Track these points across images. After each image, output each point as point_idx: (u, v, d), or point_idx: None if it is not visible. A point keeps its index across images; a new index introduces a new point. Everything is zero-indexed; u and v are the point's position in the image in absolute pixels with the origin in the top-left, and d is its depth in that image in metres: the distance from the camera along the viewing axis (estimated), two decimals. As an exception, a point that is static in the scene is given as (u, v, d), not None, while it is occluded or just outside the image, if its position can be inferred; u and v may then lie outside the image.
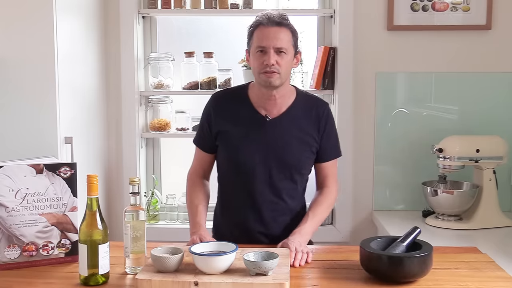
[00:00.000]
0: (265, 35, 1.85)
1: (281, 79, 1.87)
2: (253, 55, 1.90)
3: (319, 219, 1.96)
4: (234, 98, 2.00)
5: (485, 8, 2.76)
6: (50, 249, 1.74)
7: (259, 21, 1.89)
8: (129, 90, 2.84)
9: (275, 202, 1.96)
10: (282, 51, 1.85)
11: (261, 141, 1.93)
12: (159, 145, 3.08)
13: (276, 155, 1.93)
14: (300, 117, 1.96)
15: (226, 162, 2.00)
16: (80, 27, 2.56)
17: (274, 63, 1.84)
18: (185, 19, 3.06)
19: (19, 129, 2.22)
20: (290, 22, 1.90)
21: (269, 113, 1.95)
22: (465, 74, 2.82)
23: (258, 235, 1.96)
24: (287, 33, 1.87)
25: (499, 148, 2.58)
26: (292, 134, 1.94)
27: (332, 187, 2.02)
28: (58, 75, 2.23)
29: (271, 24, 1.86)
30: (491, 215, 2.55)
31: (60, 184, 1.74)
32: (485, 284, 1.56)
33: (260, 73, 1.87)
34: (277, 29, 1.85)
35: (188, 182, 2.07)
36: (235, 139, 1.95)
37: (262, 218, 1.96)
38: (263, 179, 1.94)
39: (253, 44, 1.90)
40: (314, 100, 2.03)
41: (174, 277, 1.50)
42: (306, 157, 1.97)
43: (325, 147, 1.99)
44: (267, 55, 1.84)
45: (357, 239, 2.49)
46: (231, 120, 1.96)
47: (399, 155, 2.86)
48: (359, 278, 1.60)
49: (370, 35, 2.81)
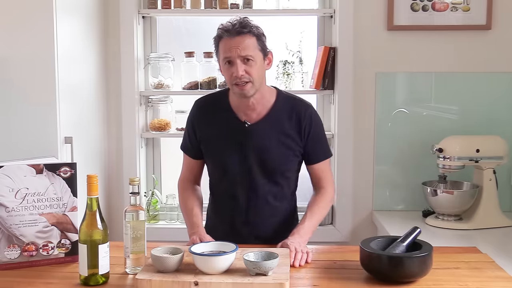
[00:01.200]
0: (228, 47, 1.82)
1: (254, 87, 1.85)
2: (223, 67, 1.88)
3: (317, 219, 1.96)
4: (215, 105, 1.99)
5: (485, 8, 2.76)
6: (50, 249, 1.74)
7: (220, 34, 1.85)
8: (129, 90, 2.84)
9: (260, 205, 1.96)
10: (249, 58, 1.82)
11: (242, 147, 1.93)
12: (159, 145, 3.08)
13: (257, 161, 1.93)
14: (280, 120, 1.94)
15: (212, 168, 2.02)
16: (80, 27, 2.56)
17: (243, 73, 1.81)
18: (185, 19, 3.06)
19: (19, 129, 2.22)
20: (252, 27, 1.84)
21: (249, 118, 1.94)
22: (465, 74, 2.82)
23: (249, 238, 1.95)
24: (251, 40, 1.83)
25: (499, 148, 2.58)
26: (272, 138, 1.93)
27: (328, 188, 2.02)
28: (58, 75, 2.23)
29: (232, 35, 1.82)
30: (491, 215, 2.55)
31: (60, 184, 1.74)
32: (485, 284, 1.56)
33: (232, 85, 1.86)
34: (239, 39, 1.81)
35: (179, 189, 2.07)
36: (217, 146, 1.95)
37: (249, 221, 1.97)
38: (247, 184, 1.94)
39: (220, 56, 1.88)
40: (296, 102, 1.98)
41: (174, 277, 1.50)
42: (290, 160, 1.96)
43: (313, 149, 1.98)
44: (234, 66, 1.82)
45: (357, 239, 2.49)
46: (213, 127, 1.96)
47: (399, 155, 2.86)
48: (359, 278, 1.60)
49: (370, 35, 2.81)
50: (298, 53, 2.92)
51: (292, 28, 2.96)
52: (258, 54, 1.85)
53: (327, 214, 2.85)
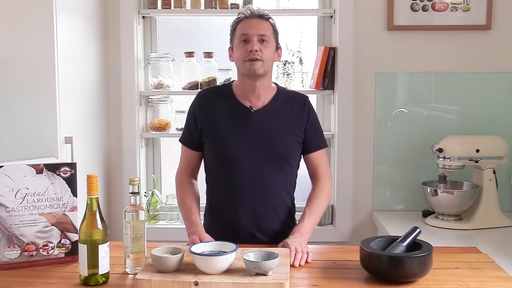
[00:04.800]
0: (248, 25, 1.94)
1: (264, 67, 1.92)
2: (237, 47, 1.96)
3: (317, 215, 1.97)
4: (218, 94, 2.04)
5: (485, 8, 2.76)
6: (50, 249, 1.74)
7: (241, 16, 1.97)
8: (129, 90, 2.84)
9: (264, 194, 1.95)
10: (265, 39, 1.93)
11: (247, 132, 1.95)
12: (159, 145, 3.08)
13: (263, 145, 1.94)
14: (284, 107, 2.00)
15: (213, 158, 2.01)
16: (80, 27, 2.56)
17: (257, 49, 1.90)
18: (185, 19, 3.06)
19: (19, 129, 2.22)
20: (271, 18, 1.99)
21: (254, 105, 1.98)
22: (465, 74, 2.82)
23: (249, 229, 1.95)
24: (268, 26, 1.96)
25: (499, 148, 2.58)
26: (277, 124, 1.97)
27: (325, 179, 2.03)
28: (58, 75, 2.23)
29: (253, 17, 1.95)
30: (491, 215, 2.55)
31: (60, 184, 1.74)
32: (485, 284, 1.56)
33: (244, 62, 1.92)
34: (259, 20, 1.95)
35: (177, 182, 2.07)
36: (220, 132, 1.96)
37: (252, 211, 1.95)
38: (251, 170, 1.94)
39: (236, 36, 1.97)
40: (294, 94, 2.08)
41: (174, 277, 1.50)
42: (293, 147, 1.99)
43: (311, 138, 2.02)
44: (250, 43, 1.91)
45: (357, 239, 2.49)
46: (216, 115, 1.99)
47: (399, 155, 2.86)
48: (359, 278, 1.60)
49: (370, 35, 2.81)
50: (298, 53, 2.92)
51: (292, 28, 2.96)
52: (272, 40, 1.97)
53: (327, 213, 2.89)
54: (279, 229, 1.98)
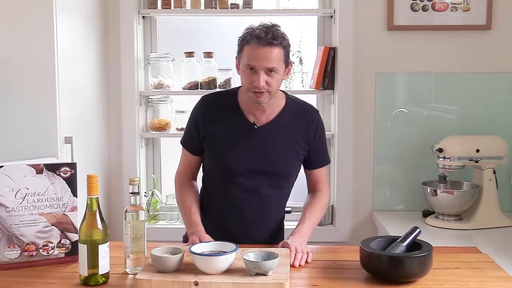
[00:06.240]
0: (255, 55, 1.79)
1: (270, 96, 1.85)
2: (243, 71, 1.85)
3: (316, 219, 1.97)
4: (223, 103, 1.98)
5: (485, 8, 2.76)
6: (50, 249, 1.74)
7: (249, 39, 1.80)
8: (129, 90, 2.84)
9: (258, 208, 1.95)
10: (273, 70, 1.80)
11: (249, 148, 1.92)
12: (159, 145, 3.08)
13: (263, 163, 1.92)
14: (288, 125, 1.94)
15: (212, 167, 2.00)
16: (80, 27, 2.56)
17: (263, 84, 1.80)
18: (185, 19, 3.06)
19: (19, 129, 2.22)
20: (283, 39, 1.81)
21: (258, 120, 1.93)
22: (465, 74, 2.82)
23: (237, 237, 1.88)
24: (278, 52, 1.80)
25: (499, 148, 2.58)
26: (280, 142, 1.93)
27: (324, 191, 2.04)
28: (58, 75, 2.23)
29: (261, 45, 1.77)
30: (491, 215, 2.55)
31: (60, 184, 1.74)
32: (485, 284, 1.56)
33: (249, 91, 1.84)
34: (268, 50, 1.78)
35: (176, 183, 2.06)
36: (222, 144, 1.93)
37: (243, 223, 1.95)
38: (247, 185, 1.93)
39: (243, 60, 1.84)
40: (304, 107, 2.00)
41: (174, 277, 1.50)
42: (294, 165, 1.98)
43: (316, 155, 1.99)
44: (256, 75, 1.79)
45: (357, 239, 2.48)
46: (219, 125, 1.94)
47: (399, 155, 2.86)
48: (359, 278, 1.60)
49: (370, 35, 2.80)
50: (298, 53, 2.92)
51: (292, 28, 2.95)
52: (281, 66, 1.83)
53: (327, 213, 2.90)
54: (267, 239, 1.98)
